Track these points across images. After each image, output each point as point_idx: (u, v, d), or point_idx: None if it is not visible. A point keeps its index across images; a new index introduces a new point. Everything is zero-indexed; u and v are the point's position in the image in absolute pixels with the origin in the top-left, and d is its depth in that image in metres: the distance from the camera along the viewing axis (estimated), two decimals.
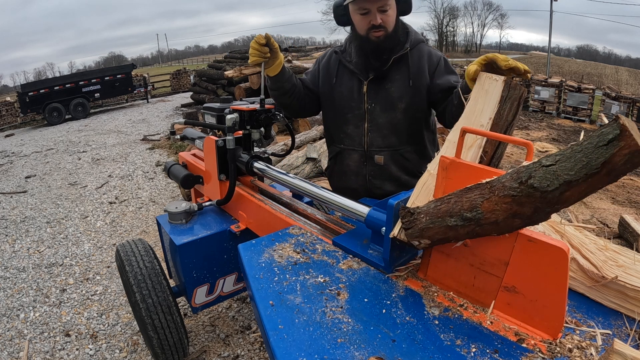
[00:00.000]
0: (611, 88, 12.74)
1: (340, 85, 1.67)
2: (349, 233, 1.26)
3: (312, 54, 9.86)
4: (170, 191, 4.91)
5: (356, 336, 0.83)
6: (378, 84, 1.60)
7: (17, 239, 3.77)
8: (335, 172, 1.82)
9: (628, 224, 3.40)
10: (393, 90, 1.59)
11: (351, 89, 1.64)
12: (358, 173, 1.72)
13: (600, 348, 0.79)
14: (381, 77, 1.59)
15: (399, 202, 0.97)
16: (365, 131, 1.64)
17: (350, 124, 1.68)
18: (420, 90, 1.58)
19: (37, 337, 2.35)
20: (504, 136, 0.89)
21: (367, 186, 1.71)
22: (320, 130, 5.84)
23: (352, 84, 1.64)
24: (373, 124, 1.63)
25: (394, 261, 1.04)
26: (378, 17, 1.47)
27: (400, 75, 1.58)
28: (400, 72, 1.58)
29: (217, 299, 1.92)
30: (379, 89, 1.60)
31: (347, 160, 1.73)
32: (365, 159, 1.68)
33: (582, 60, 35.73)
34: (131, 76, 13.51)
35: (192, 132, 2.27)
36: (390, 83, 1.59)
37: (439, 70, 1.58)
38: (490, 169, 0.86)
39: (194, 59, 59.51)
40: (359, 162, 1.70)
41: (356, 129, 1.67)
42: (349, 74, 1.66)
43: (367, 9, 1.46)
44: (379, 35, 1.50)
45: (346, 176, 1.77)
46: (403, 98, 1.58)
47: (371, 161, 1.67)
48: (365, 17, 1.49)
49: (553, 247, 0.78)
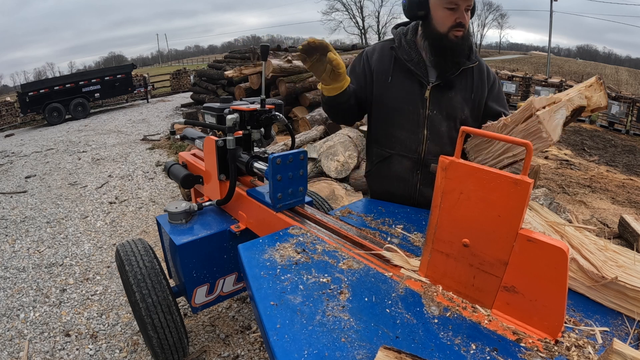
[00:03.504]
0: (611, 88, 12.75)
1: (396, 85, 1.55)
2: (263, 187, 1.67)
3: None
4: (170, 191, 4.91)
5: (356, 336, 0.83)
6: (442, 91, 1.51)
7: (17, 239, 3.77)
8: (378, 177, 1.73)
9: (628, 224, 3.40)
10: (457, 100, 1.52)
11: (410, 91, 1.53)
12: (407, 180, 1.64)
13: (599, 347, 0.79)
14: (446, 85, 1.50)
15: (276, 157, 1.35)
16: (423, 138, 1.55)
17: (403, 129, 1.58)
18: (480, 104, 1.55)
19: (37, 337, 2.35)
20: (503, 136, 0.89)
21: (413, 194, 1.64)
22: (320, 130, 5.84)
23: (411, 87, 1.53)
24: (433, 132, 1.54)
25: (278, 202, 1.43)
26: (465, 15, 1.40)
27: (464, 86, 1.52)
28: (463, 82, 1.52)
29: (217, 299, 1.92)
30: (443, 97, 1.51)
31: (396, 166, 1.64)
32: (419, 167, 1.60)
33: (582, 60, 35.72)
34: (131, 76, 13.51)
35: (192, 132, 2.27)
36: (454, 92, 1.51)
37: (494, 93, 1.56)
38: (490, 169, 0.86)
39: (194, 59, 59.52)
40: (411, 169, 1.61)
41: (412, 135, 1.57)
42: (406, 74, 1.54)
43: (456, 5, 1.37)
44: (459, 35, 1.42)
45: (390, 182, 1.68)
46: (465, 109, 1.53)
47: (425, 169, 1.58)
48: (452, 13, 1.39)
49: (552, 247, 0.78)
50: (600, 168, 6.06)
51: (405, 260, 1.11)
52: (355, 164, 4.34)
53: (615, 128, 8.99)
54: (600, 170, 5.93)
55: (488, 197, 0.86)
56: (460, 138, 0.91)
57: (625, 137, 8.56)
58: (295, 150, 1.45)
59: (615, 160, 6.66)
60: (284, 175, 1.43)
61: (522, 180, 0.80)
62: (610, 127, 9.06)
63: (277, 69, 6.79)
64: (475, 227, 0.89)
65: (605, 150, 7.30)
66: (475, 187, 0.88)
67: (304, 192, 1.53)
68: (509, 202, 0.83)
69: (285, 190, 1.45)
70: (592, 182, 5.20)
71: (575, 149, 7.18)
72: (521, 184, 0.80)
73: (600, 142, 7.94)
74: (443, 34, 1.43)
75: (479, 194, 0.87)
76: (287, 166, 1.42)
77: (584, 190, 4.86)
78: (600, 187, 5.03)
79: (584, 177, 5.41)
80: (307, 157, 1.50)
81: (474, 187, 0.88)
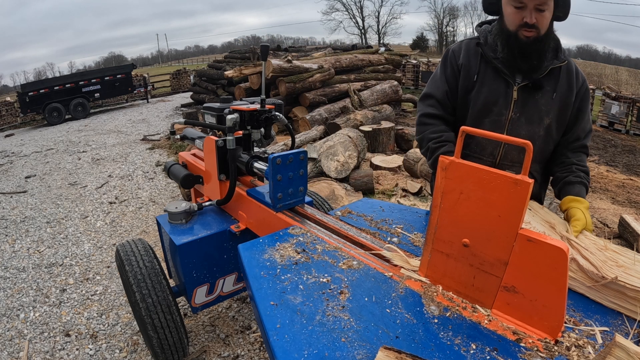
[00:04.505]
0: (611, 88, 12.74)
1: (483, 84, 1.45)
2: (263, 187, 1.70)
3: (312, 54, 9.86)
4: (170, 191, 4.91)
5: (356, 336, 0.83)
6: (529, 92, 1.40)
7: (17, 239, 3.77)
8: None
9: (628, 224, 3.40)
10: (543, 103, 1.40)
11: (496, 91, 1.43)
12: None
13: (599, 347, 0.79)
14: (534, 85, 1.39)
15: (276, 157, 1.38)
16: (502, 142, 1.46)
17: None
18: (567, 109, 1.42)
19: (37, 337, 2.35)
20: (503, 136, 0.89)
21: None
22: (320, 130, 5.85)
23: (497, 86, 1.43)
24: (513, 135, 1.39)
25: (278, 202, 1.46)
26: (533, 16, 1.28)
27: (551, 88, 1.40)
28: (550, 84, 1.40)
29: (217, 299, 1.92)
30: (529, 98, 1.40)
31: None
32: None
33: (582, 60, 35.71)
34: (131, 76, 13.50)
35: (192, 132, 2.27)
36: (541, 94, 1.40)
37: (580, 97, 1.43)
38: (489, 169, 0.86)
39: (193, 59, 59.48)
40: None
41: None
42: (493, 73, 1.44)
43: (523, 3, 1.28)
44: (529, 36, 1.31)
45: None
46: (550, 113, 1.41)
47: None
48: (519, 12, 1.30)
49: (552, 247, 0.78)
50: (600, 168, 6.06)
51: (405, 260, 1.11)
52: (355, 164, 4.34)
53: (615, 128, 8.99)
54: (600, 170, 5.93)
55: (488, 197, 0.86)
56: (460, 138, 0.91)
57: (625, 137, 8.56)
58: (295, 150, 1.46)
59: (615, 160, 6.66)
60: (284, 175, 1.43)
61: (522, 180, 0.80)
62: (610, 127, 9.07)
63: (277, 69, 6.79)
64: (475, 227, 0.89)
65: (605, 150, 7.30)
66: (475, 187, 0.88)
67: (304, 192, 1.53)
68: (509, 202, 0.83)
69: (285, 190, 1.45)
70: (592, 182, 5.20)
71: None
72: (521, 184, 0.80)
73: (600, 142, 7.94)
74: (512, 32, 1.34)
75: (479, 194, 0.87)
76: (287, 166, 1.43)
77: None
78: (600, 187, 5.03)
79: None
80: (307, 157, 1.50)
81: (474, 187, 0.88)
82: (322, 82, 7.42)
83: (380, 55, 9.93)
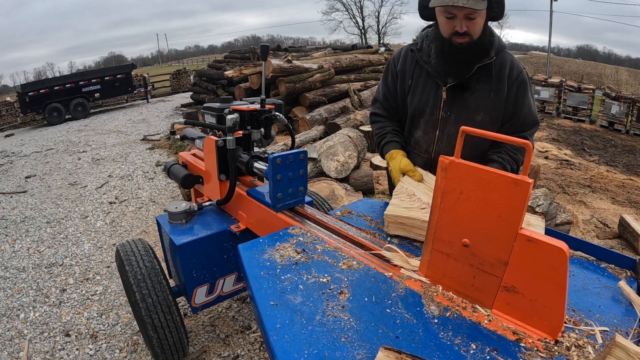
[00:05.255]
0: (611, 88, 12.74)
1: (416, 87, 1.57)
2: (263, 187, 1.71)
3: (312, 54, 9.86)
4: (170, 191, 4.91)
5: (356, 336, 0.83)
6: (458, 92, 1.48)
7: (17, 239, 3.77)
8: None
9: (628, 224, 3.40)
10: (471, 101, 1.48)
11: (427, 93, 1.54)
12: None
13: (599, 346, 0.79)
14: (462, 86, 1.47)
15: (276, 157, 1.38)
16: (435, 139, 1.56)
17: (420, 129, 1.60)
18: (500, 103, 1.47)
19: (37, 337, 2.35)
20: (503, 136, 0.89)
21: None
22: (320, 130, 5.85)
23: (428, 88, 1.54)
24: (444, 133, 1.54)
25: (278, 202, 1.46)
26: (463, 25, 1.33)
27: (481, 85, 1.46)
28: (481, 81, 1.46)
29: (217, 299, 1.92)
30: (457, 98, 1.49)
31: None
32: (429, 167, 1.59)
33: (582, 60, 35.70)
34: (131, 76, 13.50)
35: (192, 132, 2.27)
36: (469, 93, 1.47)
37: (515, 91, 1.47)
38: (489, 169, 0.86)
39: (194, 59, 59.48)
40: (423, 168, 1.60)
41: (425, 135, 1.59)
42: (426, 76, 1.54)
43: (452, 14, 1.34)
44: (462, 42, 1.38)
45: None
46: (481, 110, 1.48)
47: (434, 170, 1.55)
48: (450, 22, 1.36)
49: (552, 247, 0.78)
50: (600, 168, 6.06)
51: (405, 260, 1.11)
52: (355, 164, 4.34)
53: (615, 128, 8.99)
54: (600, 170, 5.93)
55: (488, 197, 0.86)
56: (460, 138, 0.91)
57: (625, 137, 8.56)
58: (295, 150, 1.46)
59: (615, 160, 6.66)
60: (284, 175, 1.43)
61: (522, 180, 0.80)
62: (610, 127, 9.07)
63: (277, 69, 6.79)
64: (475, 227, 0.89)
65: (605, 150, 7.30)
66: (475, 187, 0.88)
67: (304, 192, 1.53)
68: (509, 202, 0.83)
69: (285, 190, 1.45)
70: (592, 182, 5.20)
71: (575, 149, 7.18)
72: (521, 184, 0.80)
73: (600, 142, 7.93)
74: (445, 39, 1.41)
75: (479, 194, 0.87)
76: (287, 166, 1.43)
77: (584, 190, 4.86)
78: (600, 187, 5.03)
79: (584, 177, 5.41)
80: (307, 157, 1.50)
81: (474, 187, 0.88)
82: (322, 82, 7.42)
83: (380, 55, 9.94)
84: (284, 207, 1.48)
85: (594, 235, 3.62)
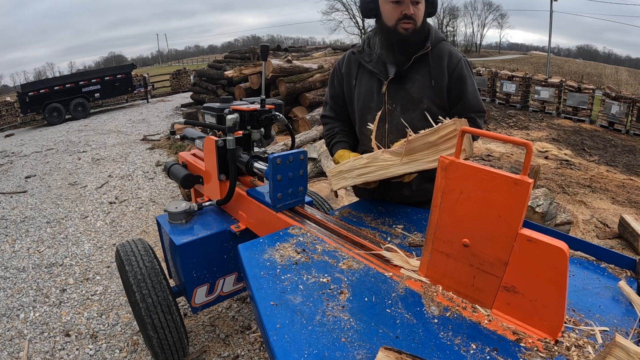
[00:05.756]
0: (611, 88, 12.74)
1: (360, 86, 1.64)
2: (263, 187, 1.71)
3: (312, 54, 9.86)
4: (170, 191, 4.91)
5: (356, 336, 0.83)
6: (398, 83, 1.55)
7: (17, 239, 3.77)
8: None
9: (628, 224, 3.40)
10: (414, 90, 1.54)
11: (370, 89, 1.60)
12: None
13: (599, 346, 0.79)
14: (401, 77, 1.54)
15: (276, 157, 1.38)
16: (385, 132, 1.60)
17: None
18: (442, 91, 1.54)
19: (37, 337, 2.35)
20: (503, 136, 0.89)
21: (384, 189, 1.65)
22: (320, 130, 5.85)
23: (371, 85, 1.60)
24: (393, 125, 1.58)
25: (278, 202, 1.46)
26: (411, 8, 1.43)
27: (421, 75, 1.53)
28: (420, 71, 1.53)
29: (217, 299, 1.92)
30: (399, 89, 1.55)
31: None
32: None
33: (582, 60, 35.70)
34: (131, 76, 13.50)
35: (192, 132, 2.27)
36: (410, 83, 1.54)
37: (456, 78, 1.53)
38: (489, 169, 0.86)
39: (194, 59, 59.51)
40: None
41: (377, 130, 1.60)
42: (368, 75, 1.61)
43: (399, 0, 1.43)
44: (407, 27, 1.46)
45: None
46: (424, 98, 1.54)
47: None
48: (397, 7, 1.45)
49: (552, 247, 0.78)
50: (600, 168, 6.06)
51: (405, 260, 1.11)
52: None
53: (615, 128, 8.99)
54: (600, 170, 5.93)
55: (488, 197, 0.86)
56: (460, 138, 0.91)
57: (625, 137, 8.55)
58: (295, 150, 1.46)
59: (615, 160, 6.66)
60: (284, 175, 1.43)
61: (522, 180, 0.80)
62: (610, 127, 9.06)
63: (277, 69, 6.80)
64: (475, 227, 0.89)
65: (605, 150, 7.30)
66: (475, 187, 0.88)
67: (304, 192, 1.53)
68: (509, 202, 0.83)
69: (285, 190, 1.46)
70: (592, 182, 5.20)
71: (575, 149, 7.18)
72: (521, 184, 0.80)
73: (600, 142, 7.93)
74: (391, 28, 1.49)
75: (479, 194, 0.87)
76: (287, 166, 1.43)
77: (584, 190, 4.86)
78: (600, 187, 5.03)
79: (584, 177, 5.41)
80: (307, 157, 1.50)
81: (474, 187, 0.88)
82: (322, 82, 7.41)
83: None
84: (284, 207, 1.48)
85: (594, 235, 3.62)
